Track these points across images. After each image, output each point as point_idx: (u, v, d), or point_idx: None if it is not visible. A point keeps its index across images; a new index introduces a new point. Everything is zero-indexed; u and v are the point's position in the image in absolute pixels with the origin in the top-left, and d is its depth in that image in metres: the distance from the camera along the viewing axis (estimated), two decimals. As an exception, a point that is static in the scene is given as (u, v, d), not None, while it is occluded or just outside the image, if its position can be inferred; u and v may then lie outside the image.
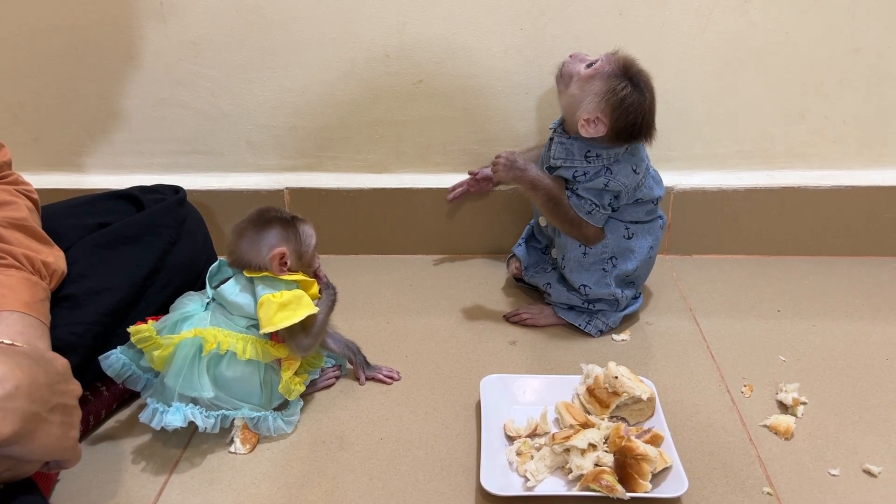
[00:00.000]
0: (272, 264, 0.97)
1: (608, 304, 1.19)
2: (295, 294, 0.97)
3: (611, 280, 1.17)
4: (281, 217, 1.01)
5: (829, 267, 1.40)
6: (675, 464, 0.87)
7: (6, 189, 0.95)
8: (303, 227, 1.01)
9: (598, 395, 0.99)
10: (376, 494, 0.89)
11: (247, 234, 0.99)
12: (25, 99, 1.43)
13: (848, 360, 1.12)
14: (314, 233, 1.03)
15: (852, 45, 1.31)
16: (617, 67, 1.09)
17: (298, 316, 0.96)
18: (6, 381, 0.67)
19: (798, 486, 0.88)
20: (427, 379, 1.11)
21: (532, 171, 1.14)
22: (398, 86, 1.38)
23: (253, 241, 0.99)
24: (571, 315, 1.20)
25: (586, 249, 1.16)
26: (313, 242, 1.03)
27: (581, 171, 1.13)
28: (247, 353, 0.95)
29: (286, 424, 0.99)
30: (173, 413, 0.92)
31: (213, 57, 1.37)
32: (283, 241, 0.99)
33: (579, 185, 1.13)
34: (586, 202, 1.13)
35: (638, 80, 1.09)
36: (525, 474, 0.89)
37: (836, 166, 1.41)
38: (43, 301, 0.88)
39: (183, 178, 1.40)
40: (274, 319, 0.94)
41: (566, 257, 1.18)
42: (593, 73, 1.10)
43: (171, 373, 0.94)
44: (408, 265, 1.46)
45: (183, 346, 0.94)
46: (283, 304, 0.96)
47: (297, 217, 1.02)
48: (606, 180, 1.12)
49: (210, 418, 0.95)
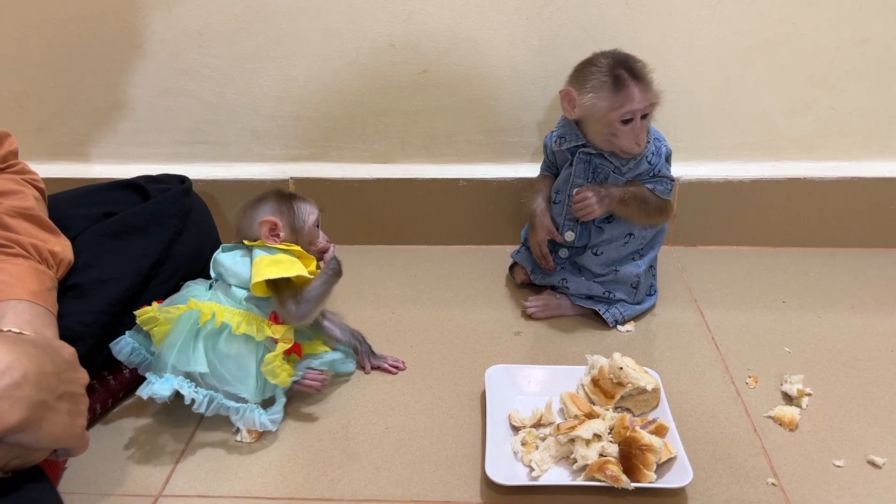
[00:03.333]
0: (262, 231, 0.99)
1: (627, 294, 1.20)
2: (290, 258, 0.99)
3: (642, 263, 1.19)
4: (277, 192, 1.04)
5: (834, 258, 1.40)
6: (679, 454, 0.87)
7: (13, 178, 0.95)
8: (299, 204, 1.04)
9: (603, 385, 0.99)
10: (381, 483, 0.90)
11: (246, 208, 1.03)
12: (30, 88, 1.43)
13: (853, 352, 1.12)
14: (316, 211, 1.06)
15: (859, 35, 1.30)
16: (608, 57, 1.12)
17: (287, 272, 0.96)
18: (13, 369, 0.67)
19: (802, 477, 0.89)
20: (432, 369, 1.11)
21: (614, 191, 1.14)
22: (403, 76, 1.38)
23: (248, 213, 1.02)
24: (590, 303, 1.20)
25: (629, 239, 1.17)
26: (311, 220, 1.05)
27: (651, 152, 1.14)
28: (241, 327, 0.95)
29: (270, 423, 0.96)
30: (162, 383, 0.92)
31: (219, 46, 1.37)
32: (276, 214, 1.01)
33: (654, 168, 1.14)
34: (666, 182, 1.15)
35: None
36: (530, 464, 0.89)
37: (842, 157, 1.41)
38: (50, 290, 0.89)
39: (188, 167, 1.40)
40: (263, 272, 0.95)
41: (604, 251, 1.18)
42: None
43: (166, 344, 0.94)
44: (413, 256, 1.46)
45: (182, 319, 0.95)
46: (275, 261, 0.97)
47: (295, 195, 1.05)
48: (661, 145, 1.15)
49: (199, 393, 0.94)
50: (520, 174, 1.42)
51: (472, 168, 1.44)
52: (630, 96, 1.07)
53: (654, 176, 1.15)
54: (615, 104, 1.08)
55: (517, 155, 1.44)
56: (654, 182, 1.15)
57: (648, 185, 1.15)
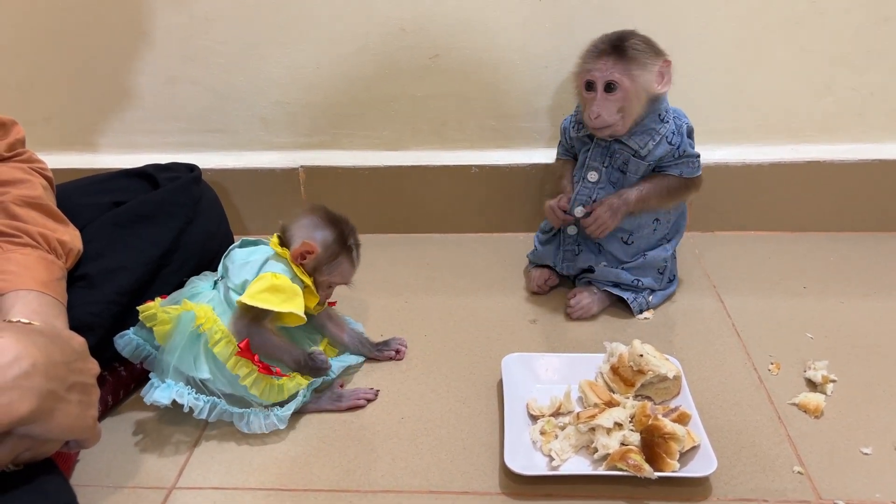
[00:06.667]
0: (294, 247, 0.96)
1: (655, 281, 1.18)
2: (294, 289, 0.94)
3: (669, 247, 1.18)
4: (344, 229, 0.99)
5: (855, 243, 1.37)
6: (703, 443, 0.85)
7: (20, 167, 0.94)
8: (344, 259, 0.99)
9: (623, 373, 0.97)
10: (398, 474, 0.88)
11: (310, 213, 0.99)
12: (37, 78, 1.42)
13: (877, 337, 1.09)
14: (350, 274, 1.01)
15: (882, 14, 1.27)
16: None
17: (280, 306, 0.91)
18: (23, 359, 0.66)
19: (829, 465, 0.86)
20: (447, 358, 1.09)
21: (629, 195, 1.12)
22: (413, 60, 1.36)
23: (304, 222, 0.98)
24: (617, 290, 1.18)
25: (657, 226, 1.16)
26: (338, 280, 1.00)
27: (670, 132, 1.11)
28: (219, 345, 0.91)
29: (278, 421, 0.93)
30: (162, 390, 0.91)
31: (226, 33, 1.35)
32: (322, 245, 0.96)
33: (676, 149, 1.11)
34: (692, 161, 1.13)
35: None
36: (550, 453, 0.87)
37: (862, 139, 1.38)
38: (59, 280, 0.87)
39: (197, 156, 1.38)
40: (256, 295, 0.91)
41: (635, 240, 1.16)
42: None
43: (168, 347, 0.93)
44: (425, 244, 1.44)
45: (182, 320, 0.93)
46: (275, 287, 0.92)
47: (352, 247, 0.99)
48: (682, 122, 1.12)
49: (199, 400, 0.92)
50: (533, 160, 1.39)
51: (485, 154, 1.42)
52: (593, 61, 1.08)
53: (679, 157, 1.12)
54: (580, 67, 1.10)
55: (530, 140, 1.42)
56: (680, 166, 1.13)
57: (674, 171, 1.13)
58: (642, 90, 1.08)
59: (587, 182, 1.15)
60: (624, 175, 1.14)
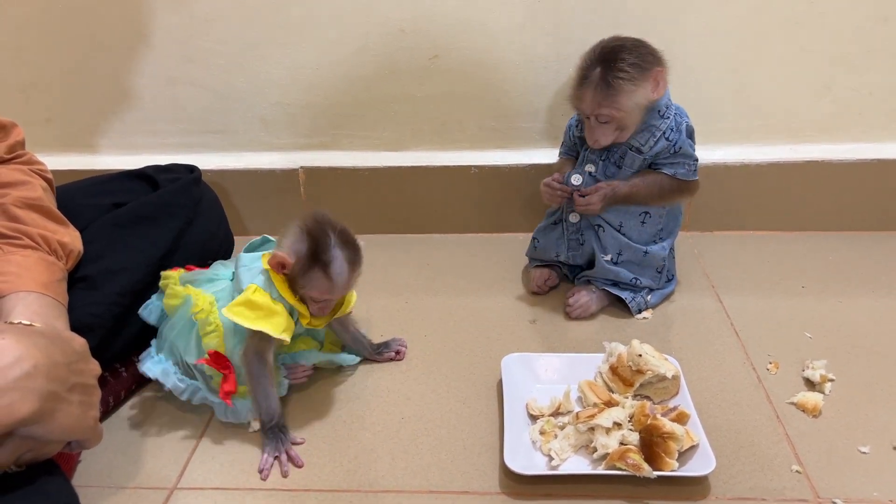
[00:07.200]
0: (270, 262, 0.91)
1: (653, 280, 1.18)
2: (272, 307, 0.89)
3: (665, 245, 1.18)
4: (317, 245, 0.89)
5: (854, 242, 1.37)
6: (701, 442, 0.86)
7: (20, 169, 0.94)
8: (317, 272, 0.89)
9: (622, 373, 0.97)
10: (398, 474, 0.88)
11: (299, 223, 0.91)
12: (37, 79, 1.42)
13: (876, 337, 1.10)
14: (329, 289, 0.91)
15: (881, 14, 1.27)
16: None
17: (252, 322, 0.88)
18: (24, 360, 0.66)
19: (827, 464, 0.87)
20: (447, 358, 1.09)
21: (619, 186, 1.13)
22: (413, 61, 1.36)
23: (291, 230, 0.91)
24: (616, 290, 1.18)
25: (645, 219, 1.16)
26: (315, 294, 0.91)
27: (669, 129, 1.11)
28: (209, 336, 0.93)
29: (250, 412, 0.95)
30: (154, 363, 0.96)
31: (226, 33, 1.35)
32: (295, 257, 0.89)
33: (673, 145, 1.12)
34: (688, 162, 1.13)
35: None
36: (549, 453, 0.88)
37: (861, 139, 1.38)
38: (60, 281, 0.87)
39: (197, 157, 1.38)
40: (233, 308, 0.89)
41: (623, 226, 1.16)
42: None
43: (170, 324, 0.96)
44: (424, 244, 1.44)
45: (189, 302, 0.95)
46: (254, 304, 0.89)
47: (328, 261, 0.89)
48: (682, 120, 1.12)
49: (182, 383, 0.95)
50: (533, 160, 1.39)
51: (484, 154, 1.42)
52: (582, 97, 1.09)
53: (675, 154, 1.12)
54: (572, 91, 1.11)
55: (530, 141, 1.42)
56: (675, 166, 1.13)
57: (668, 170, 1.13)
58: (635, 107, 1.08)
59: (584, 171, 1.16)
60: (619, 169, 1.14)
